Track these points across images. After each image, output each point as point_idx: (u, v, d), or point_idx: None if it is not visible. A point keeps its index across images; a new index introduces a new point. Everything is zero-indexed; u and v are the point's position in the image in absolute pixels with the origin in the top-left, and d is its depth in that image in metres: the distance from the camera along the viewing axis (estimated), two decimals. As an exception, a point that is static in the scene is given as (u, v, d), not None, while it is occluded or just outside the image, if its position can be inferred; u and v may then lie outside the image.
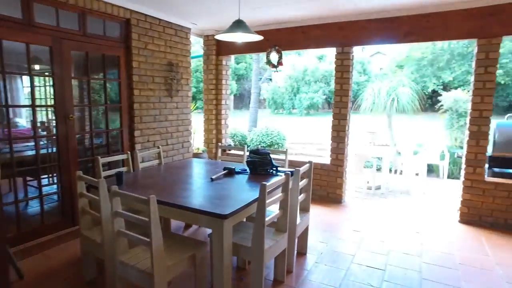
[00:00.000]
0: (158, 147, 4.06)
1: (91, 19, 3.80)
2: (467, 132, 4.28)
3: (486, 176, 4.28)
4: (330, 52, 26.25)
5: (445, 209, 5.33)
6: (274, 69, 5.29)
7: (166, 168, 3.68)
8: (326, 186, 5.13)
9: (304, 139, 11.72)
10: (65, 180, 3.66)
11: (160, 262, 2.07)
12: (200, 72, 16.03)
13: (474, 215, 4.29)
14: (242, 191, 2.76)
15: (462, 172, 4.36)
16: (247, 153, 3.59)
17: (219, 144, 5.07)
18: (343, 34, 4.75)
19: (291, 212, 2.81)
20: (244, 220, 2.93)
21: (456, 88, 8.90)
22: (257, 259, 2.36)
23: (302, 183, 3.02)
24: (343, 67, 4.82)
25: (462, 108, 8.03)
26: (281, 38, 5.18)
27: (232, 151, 5.94)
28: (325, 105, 23.61)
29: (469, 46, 16.15)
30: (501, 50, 4.21)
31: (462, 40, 12.49)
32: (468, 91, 8.81)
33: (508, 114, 4.72)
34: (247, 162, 3.38)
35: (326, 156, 9.16)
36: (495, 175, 4.60)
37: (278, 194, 2.58)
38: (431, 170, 8.16)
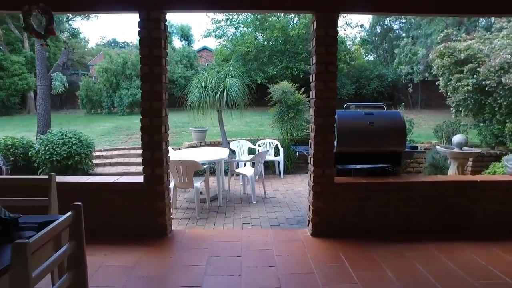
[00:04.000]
0: None
1: None
2: (312, 126, 3.56)
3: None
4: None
5: (293, 218, 4.67)
6: (41, 39, 3.33)
7: None
8: (142, 214, 3.59)
9: (125, 143, 9.70)
10: None
11: None
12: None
13: (327, 224, 3.63)
14: None
15: (310, 175, 3.64)
16: None
17: None
18: (147, -9, 3.29)
19: None
20: None
21: (281, 81, 8.87)
22: None
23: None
24: (152, 40, 3.36)
25: (291, 100, 7.91)
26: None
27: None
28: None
29: (287, 43, 17.48)
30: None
31: (300, 12, 12.78)
32: (292, 84, 8.98)
33: (347, 103, 4.33)
34: None
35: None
36: (338, 172, 4.11)
37: None
38: (267, 166, 7.73)
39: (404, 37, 21.84)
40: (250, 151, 7.46)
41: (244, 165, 5.93)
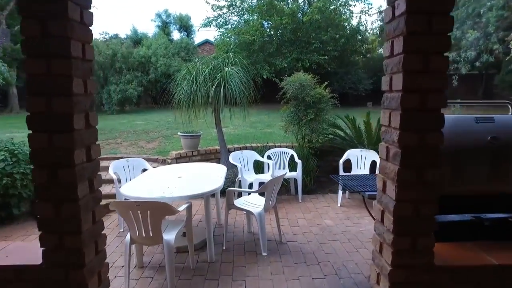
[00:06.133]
0: None
1: None
2: (392, 150, 1.75)
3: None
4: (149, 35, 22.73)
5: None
6: None
7: None
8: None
9: (101, 149, 7.99)
10: None
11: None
12: None
13: None
14: None
15: (381, 246, 1.84)
16: None
17: None
18: None
19: None
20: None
21: (291, 74, 7.02)
22: None
23: None
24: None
25: (310, 96, 6.08)
26: None
27: None
28: (148, 99, 19.91)
29: (297, 32, 15.62)
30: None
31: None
32: (312, 76, 7.07)
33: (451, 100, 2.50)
34: None
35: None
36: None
37: None
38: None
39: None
40: (257, 165, 5.66)
41: (249, 193, 4.13)
